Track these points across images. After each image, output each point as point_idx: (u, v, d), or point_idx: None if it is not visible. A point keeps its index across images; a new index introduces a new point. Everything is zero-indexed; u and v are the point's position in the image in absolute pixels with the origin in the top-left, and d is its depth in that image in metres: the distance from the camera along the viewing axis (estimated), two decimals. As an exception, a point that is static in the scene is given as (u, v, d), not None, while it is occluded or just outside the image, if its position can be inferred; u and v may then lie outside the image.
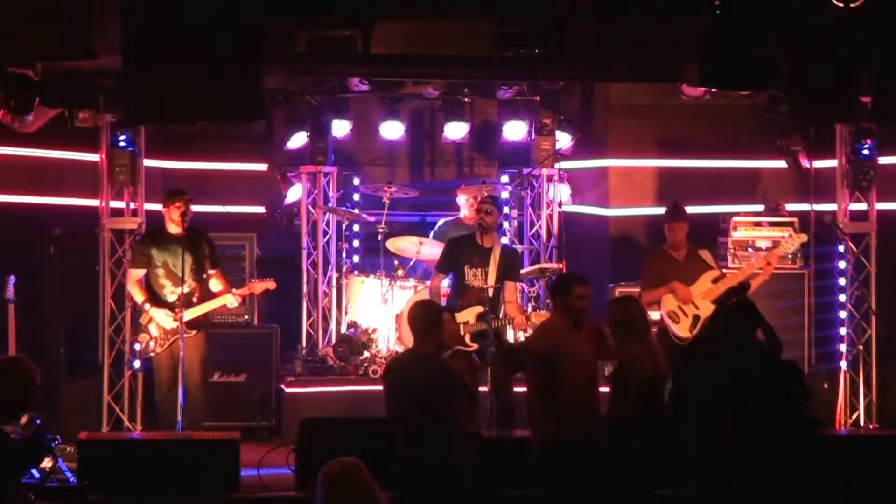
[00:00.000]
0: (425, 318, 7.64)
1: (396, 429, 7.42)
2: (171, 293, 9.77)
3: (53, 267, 10.57)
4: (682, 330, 9.98)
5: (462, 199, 11.76)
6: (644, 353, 8.08)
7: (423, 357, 7.54)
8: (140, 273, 9.92)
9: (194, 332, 9.82)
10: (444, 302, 10.02)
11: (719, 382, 7.24)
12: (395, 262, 11.69)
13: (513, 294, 9.92)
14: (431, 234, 11.99)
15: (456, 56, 10.25)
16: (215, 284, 10.02)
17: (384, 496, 5.27)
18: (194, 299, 9.83)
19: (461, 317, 9.48)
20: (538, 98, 12.41)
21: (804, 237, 10.75)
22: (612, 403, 8.11)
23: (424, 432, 7.32)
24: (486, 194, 10.91)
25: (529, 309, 10.92)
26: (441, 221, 12.10)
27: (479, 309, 9.62)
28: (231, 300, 9.94)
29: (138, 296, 9.90)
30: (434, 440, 7.31)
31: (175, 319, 9.66)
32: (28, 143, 10.69)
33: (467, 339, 9.49)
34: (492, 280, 9.71)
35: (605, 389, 8.18)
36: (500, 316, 9.77)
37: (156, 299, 9.84)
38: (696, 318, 9.94)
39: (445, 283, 10.22)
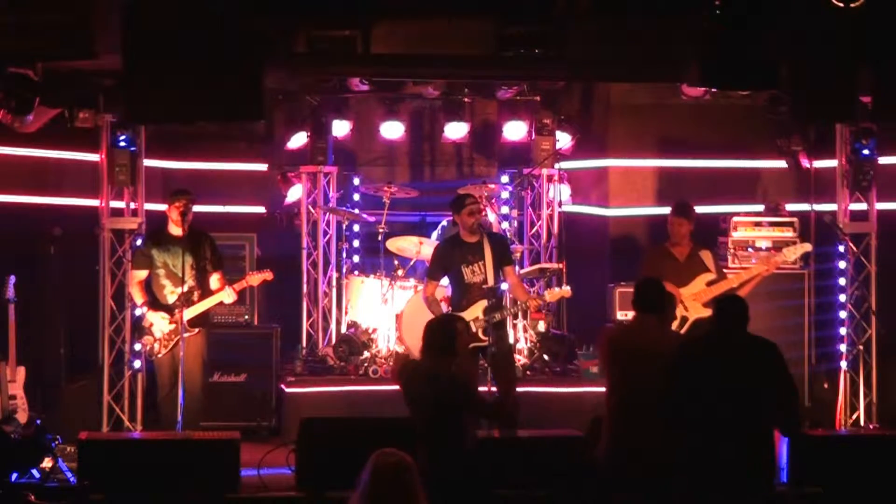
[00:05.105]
0: (444, 335, 8.04)
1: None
2: (171, 293, 9.77)
3: (53, 267, 10.56)
4: None
5: None
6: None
7: (437, 375, 7.86)
8: (142, 274, 9.91)
9: (196, 330, 9.83)
10: (444, 307, 10.00)
11: (712, 382, 7.17)
12: (396, 262, 11.70)
13: (514, 277, 9.96)
14: (434, 234, 11.97)
15: (456, 56, 10.24)
16: (215, 283, 10.00)
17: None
18: (194, 298, 9.83)
19: (469, 314, 9.47)
20: (538, 98, 12.42)
21: (808, 247, 10.66)
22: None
23: (438, 442, 7.55)
24: (463, 193, 10.50)
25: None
26: (444, 222, 12.10)
27: (485, 303, 9.61)
28: (227, 296, 9.90)
29: (138, 298, 9.89)
30: (446, 450, 7.49)
31: (172, 322, 9.67)
32: (28, 143, 10.68)
33: (480, 333, 9.46)
34: (490, 270, 9.69)
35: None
36: (507, 306, 9.94)
37: (156, 302, 9.84)
38: (685, 319, 9.83)
39: (444, 283, 10.21)
